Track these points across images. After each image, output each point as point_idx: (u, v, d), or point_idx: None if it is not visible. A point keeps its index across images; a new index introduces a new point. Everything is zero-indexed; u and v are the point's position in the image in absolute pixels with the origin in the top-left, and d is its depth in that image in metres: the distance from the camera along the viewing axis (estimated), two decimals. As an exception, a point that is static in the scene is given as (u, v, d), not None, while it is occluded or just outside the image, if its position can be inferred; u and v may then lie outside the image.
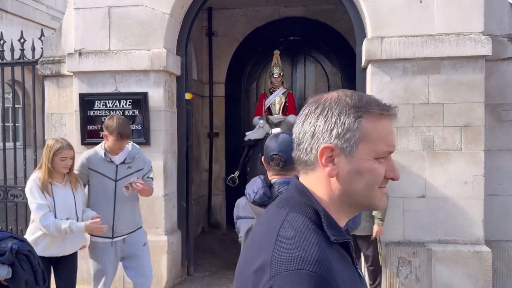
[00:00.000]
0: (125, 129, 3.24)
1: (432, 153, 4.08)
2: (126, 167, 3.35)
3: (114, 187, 3.32)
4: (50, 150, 3.09)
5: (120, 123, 3.22)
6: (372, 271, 4.10)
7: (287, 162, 1.92)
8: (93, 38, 4.58)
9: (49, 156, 3.08)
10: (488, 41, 3.93)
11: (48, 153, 3.10)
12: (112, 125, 3.19)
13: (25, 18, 9.87)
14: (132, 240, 3.42)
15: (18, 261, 1.87)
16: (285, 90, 6.07)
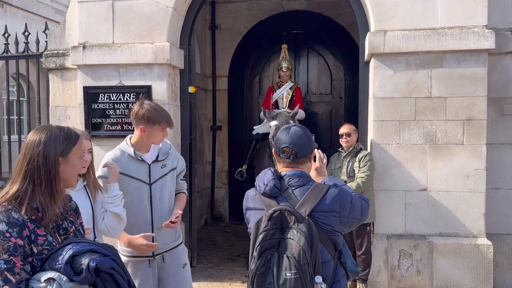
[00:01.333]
0: (168, 115, 2.66)
1: (434, 147, 4.09)
2: (160, 165, 2.70)
3: (149, 192, 2.65)
4: None
5: (161, 108, 2.66)
6: (364, 260, 4.15)
7: (298, 155, 1.94)
8: (97, 31, 4.60)
9: None
10: (491, 35, 3.92)
11: None
12: (155, 112, 2.57)
13: (29, 11, 9.90)
14: (171, 259, 2.72)
15: (101, 281, 1.49)
16: (292, 85, 6.07)
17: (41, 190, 1.57)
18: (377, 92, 4.16)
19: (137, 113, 2.57)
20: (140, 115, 2.56)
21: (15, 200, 1.55)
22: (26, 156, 1.59)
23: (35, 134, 1.64)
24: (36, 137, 1.62)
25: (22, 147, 1.64)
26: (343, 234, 1.96)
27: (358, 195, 1.99)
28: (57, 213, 1.61)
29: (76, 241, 1.55)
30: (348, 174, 4.16)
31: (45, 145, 1.59)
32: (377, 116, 4.17)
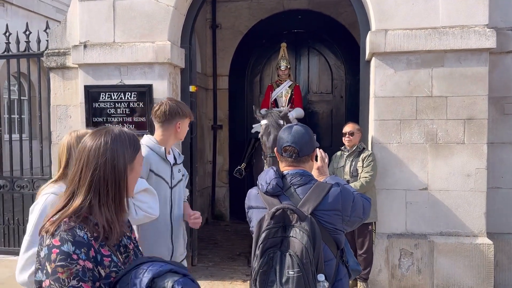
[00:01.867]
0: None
1: (435, 146, 4.09)
2: (178, 169, 2.61)
3: (170, 196, 2.52)
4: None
5: (181, 102, 2.61)
6: (365, 259, 4.15)
7: (300, 154, 1.94)
8: (98, 30, 4.60)
9: None
10: (492, 34, 3.92)
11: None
12: (182, 104, 2.52)
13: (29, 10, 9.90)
14: None
15: None
16: (291, 83, 6.07)
17: (107, 204, 1.36)
18: (378, 91, 4.16)
19: (170, 109, 2.44)
20: (174, 111, 2.44)
21: (75, 215, 1.33)
22: (90, 165, 1.36)
23: (97, 138, 1.40)
24: (100, 142, 1.38)
25: (81, 153, 1.40)
26: (345, 233, 1.96)
27: (360, 194, 1.99)
28: (122, 230, 1.41)
29: (149, 261, 1.31)
30: (351, 174, 4.16)
31: (113, 152, 1.38)
32: (378, 115, 4.17)
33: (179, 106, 2.51)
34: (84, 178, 1.36)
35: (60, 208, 1.36)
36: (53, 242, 1.26)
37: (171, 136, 2.53)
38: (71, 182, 1.40)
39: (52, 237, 1.27)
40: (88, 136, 1.44)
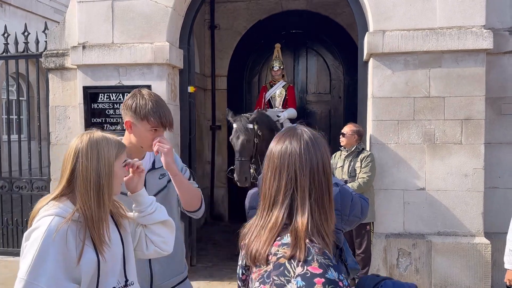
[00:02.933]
0: (167, 113, 1.96)
1: (432, 146, 4.11)
2: (158, 175, 2.04)
3: None
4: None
5: (157, 102, 1.95)
6: (363, 259, 4.17)
7: None
8: (97, 31, 4.61)
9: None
10: (489, 35, 3.94)
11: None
12: (144, 104, 1.91)
13: (28, 10, 9.89)
14: None
15: None
16: (285, 83, 6.09)
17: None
18: (376, 92, 4.18)
19: (125, 102, 1.96)
20: (127, 105, 1.94)
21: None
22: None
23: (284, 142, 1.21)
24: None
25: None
26: (344, 232, 1.98)
27: (358, 194, 2.01)
28: None
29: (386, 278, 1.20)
30: (349, 174, 4.18)
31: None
32: (376, 116, 4.19)
33: (140, 101, 1.94)
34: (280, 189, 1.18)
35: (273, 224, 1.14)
36: (311, 270, 1.03)
37: (129, 139, 1.97)
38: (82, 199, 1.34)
39: (306, 264, 1.04)
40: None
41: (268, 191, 1.18)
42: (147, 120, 1.90)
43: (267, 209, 1.17)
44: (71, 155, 1.55)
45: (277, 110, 5.88)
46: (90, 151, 1.54)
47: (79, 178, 1.49)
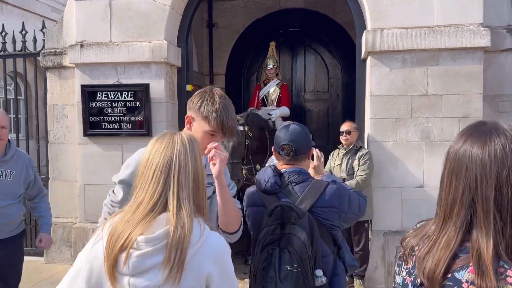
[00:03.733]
0: (231, 121, 1.81)
1: (430, 144, 4.13)
2: (206, 183, 1.70)
3: None
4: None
5: (225, 106, 1.81)
6: (361, 256, 4.18)
7: (297, 152, 1.97)
8: (95, 30, 4.61)
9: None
10: (487, 33, 3.96)
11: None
12: (210, 104, 1.78)
13: (25, 9, 9.86)
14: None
15: None
16: (279, 82, 6.10)
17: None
18: (373, 90, 4.19)
19: (194, 96, 1.85)
20: (194, 100, 1.82)
21: None
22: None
23: None
24: None
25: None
26: (342, 229, 1.99)
27: (356, 192, 2.03)
28: None
29: None
30: (347, 172, 4.19)
31: None
32: (374, 114, 4.20)
33: (208, 100, 1.81)
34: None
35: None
36: None
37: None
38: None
39: None
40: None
41: (444, 198, 0.99)
42: (207, 121, 1.77)
43: (442, 221, 0.99)
44: (163, 165, 1.31)
45: (269, 108, 5.87)
46: (191, 154, 1.35)
47: (179, 186, 1.29)
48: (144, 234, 1.22)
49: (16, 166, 2.98)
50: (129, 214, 1.27)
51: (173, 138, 1.37)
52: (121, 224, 1.26)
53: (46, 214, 3.20)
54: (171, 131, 1.43)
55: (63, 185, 5.03)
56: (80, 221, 4.80)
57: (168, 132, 1.42)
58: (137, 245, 1.21)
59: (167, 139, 1.37)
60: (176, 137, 1.38)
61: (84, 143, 4.72)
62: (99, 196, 4.69)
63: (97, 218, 5.37)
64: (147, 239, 1.21)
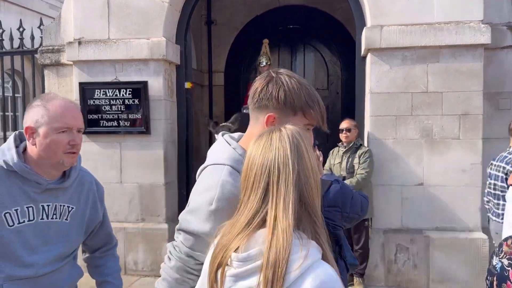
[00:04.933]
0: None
1: (430, 142, 4.11)
2: None
3: None
4: None
5: (310, 87, 1.45)
6: (361, 254, 4.17)
7: None
8: (93, 27, 4.57)
9: None
10: (487, 30, 3.93)
11: None
12: (297, 90, 1.38)
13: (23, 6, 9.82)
14: None
15: None
16: None
17: None
18: (373, 87, 4.17)
19: (262, 89, 1.38)
20: (270, 93, 1.36)
21: None
22: None
23: None
24: None
25: None
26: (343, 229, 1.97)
27: (358, 192, 2.01)
28: None
29: None
30: (347, 170, 4.17)
31: None
32: (373, 111, 4.18)
33: (289, 88, 1.37)
34: None
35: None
36: None
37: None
38: None
39: None
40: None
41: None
42: (303, 113, 1.38)
43: None
44: (262, 171, 1.09)
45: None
46: (293, 154, 1.12)
47: (277, 196, 1.07)
48: (239, 250, 1.04)
49: (79, 197, 1.71)
50: (230, 227, 1.10)
51: (271, 136, 1.11)
52: (223, 237, 1.10)
53: (114, 280, 1.87)
54: (272, 127, 1.16)
55: (61, 183, 5.01)
56: (79, 219, 4.78)
57: (267, 129, 1.16)
58: (231, 263, 1.04)
59: (264, 138, 1.12)
60: (275, 134, 1.11)
61: (84, 141, 4.69)
62: (98, 194, 4.68)
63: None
64: (239, 257, 1.03)
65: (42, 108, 1.54)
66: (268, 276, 0.97)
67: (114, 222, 4.64)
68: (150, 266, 4.61)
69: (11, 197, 1.52)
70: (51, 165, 1.57)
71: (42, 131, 1.53)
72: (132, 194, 4.61)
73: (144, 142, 4.56)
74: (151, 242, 4.58)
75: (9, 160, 1.52)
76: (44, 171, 1.57)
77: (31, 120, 1.54)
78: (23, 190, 1.55)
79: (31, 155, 1.57)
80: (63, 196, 1.64)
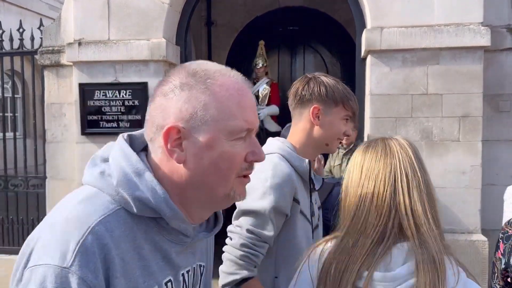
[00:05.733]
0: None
1: (430, 144, 4.11)
2: (314, 199, 1.66)
3: (311, 239, 1.57)
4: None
5: (344, 85, 1.62)
6: None
7: None
8: (93, 27, 4.57)
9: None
10: (487, 32, 3.94)
11: None
12: (335, 85, 1.55)
13: (22, 7, 9.82)
14: None
15: None
16: (268, 80, 6.09)
17: None
18: (373, 89, 4.17)
19: (303, 87, 1.55)
20: (312, 89, 1.53)
21: None
22: None
23: None
24: None
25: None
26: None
27: None
28: None
29: None
30: (347, 172, 4.16)
31: None
32: (373, 113, 4.18)
33: (328, 84, 1.55)
34: None
35: None
36: None
37: (311, 135, 1.53)
38: None
39: None
40: None
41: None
42: (343, 104, 1.51)
43: None
44: (386, 178, 1.02)
45: (258, 107, 5.87)
46: (417, 162, 1.09)
47: (412, 205, 1.00)
48: (377, 270, 0.93)
49: (206, 247, 1.09)
50: (349, 244, 0.97)
51: (388, 143, 1.07)
52: (340, 256, 0.97)
53: None
54: (380, 137, 1.14)
55: (60, 185, 5.00)
56: (78, 220, 4.76)
57: (376, 138, 1.13)
58: (369, 283, 0.93)
59: (380, 145, 1.07)
60: (392, 141, 1.08)
61: (82, 142, 4.69)
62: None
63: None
64: (386, 277, 0.92)
65: (203, 90, 0.83)
66: None
67: (113, 223, 4.64)
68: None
69: (145, 267, 0.82)
70: (210, 199, 0.87)
71: (205, 136, 0.83)
72: (132, 195, 4.60)
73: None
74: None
75: (149, 197, 0.81)
76: (190, 211, 0.88)
77: (179, 113, 0.83)
78: (161, 251, 0.85)
79: (168, 180, 0.85)
80: (198, 250, 0.99)
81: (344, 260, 0.96)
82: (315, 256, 1.02)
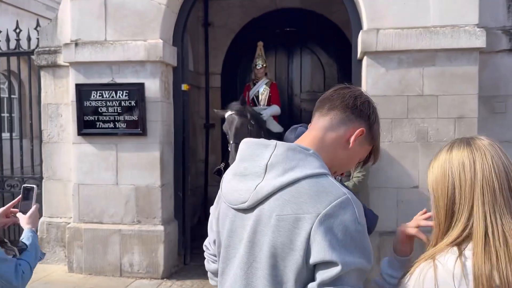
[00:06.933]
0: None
1: (426, 145, 4.13)
2: None
3: None
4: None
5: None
6: None
7: None
8: (89, 28, 4.57)
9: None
10: (482, 34, 3.96)
11: None
12: (375, 108, 1.33)
13: (19, 7, 9.80)
14: None
15: None
16: (268, 81, 6.10)
17: None
18: (369, 90, 4.18)
19: (363, 101, 1.29)
20: (371, 113, 1.28)
21: None
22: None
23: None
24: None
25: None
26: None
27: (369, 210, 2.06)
28: None
29: None
30: (344, 173, 4.18)
31: None
32: (369, 114, 4.19)
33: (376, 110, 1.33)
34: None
35: None
36: None
37: (339, 155, 1.26)
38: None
39: None
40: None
41: None
42: (374, 145, 1.33)
43: None
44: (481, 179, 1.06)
45: (260, 108, 5.87)
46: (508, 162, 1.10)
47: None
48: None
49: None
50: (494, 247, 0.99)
51: (474, 142, 1.09)
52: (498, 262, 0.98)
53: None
54: (461, 138, 1.16)
55: (57, 185, 5.00)
56: (74, 221, 4.76)
57: (459, 139, 1.15)
58: None
59: (464, 143, 1.10)
60: (479, 141, 1.10)
61: (78, 142, 4.68)
62: (93, 196, 4.66)
63: (91, 218, 5.29)
64: None
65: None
66: None
67: (109, 224, 4.65)
68: (146, 268, 4.60)
69: None
70: None
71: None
72: (128, 196, 4.60)
73: (141, 144, 4.56)
74: (147, 244, 4.57)
75: None
76: None
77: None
78: None
79: None
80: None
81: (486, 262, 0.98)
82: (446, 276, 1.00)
